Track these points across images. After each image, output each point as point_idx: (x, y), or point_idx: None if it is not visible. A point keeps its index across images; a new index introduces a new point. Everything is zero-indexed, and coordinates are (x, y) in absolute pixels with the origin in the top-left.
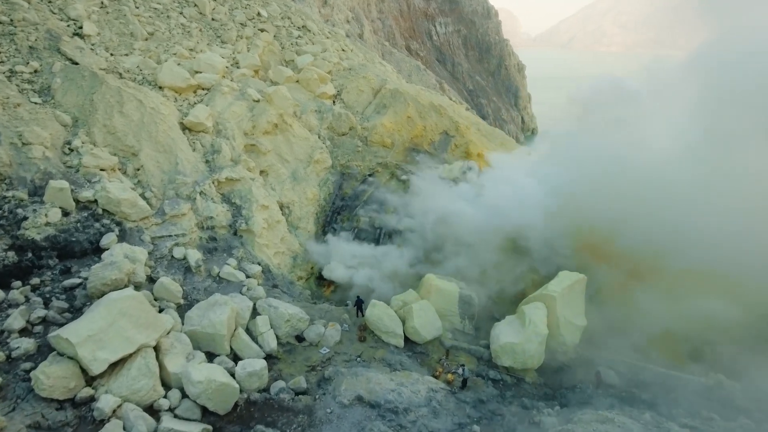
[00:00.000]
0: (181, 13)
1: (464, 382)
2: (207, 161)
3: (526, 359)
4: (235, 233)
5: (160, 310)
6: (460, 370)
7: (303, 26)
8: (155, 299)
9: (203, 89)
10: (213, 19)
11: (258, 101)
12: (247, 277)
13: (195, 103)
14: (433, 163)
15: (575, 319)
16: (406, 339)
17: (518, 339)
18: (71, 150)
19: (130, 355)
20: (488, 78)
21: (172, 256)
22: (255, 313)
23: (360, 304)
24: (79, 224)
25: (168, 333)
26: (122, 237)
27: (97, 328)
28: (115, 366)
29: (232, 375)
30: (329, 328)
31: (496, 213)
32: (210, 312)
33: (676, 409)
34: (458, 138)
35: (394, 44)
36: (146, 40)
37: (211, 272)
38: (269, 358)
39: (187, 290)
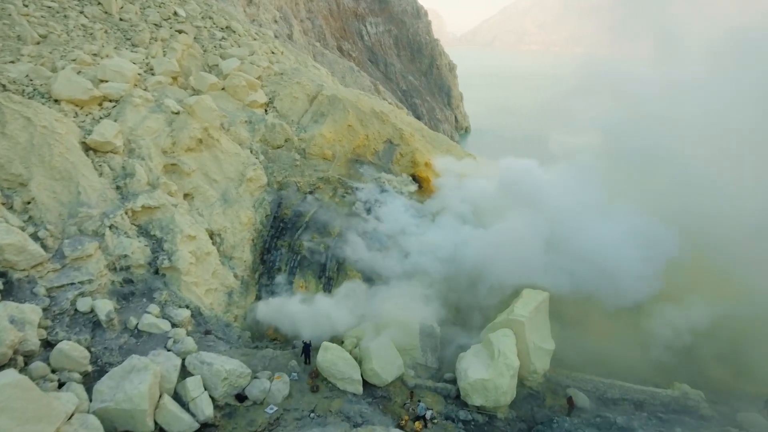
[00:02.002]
0: (81, 12)
1: (423, 420)
2: (118, 187)
3: (498, 396)
4: (156, 272)
5: (60, 385)
6: (419, 410)
7: (227, 27)
8: (52, 371)
9: (110, 101)
10: (121, 19)
11: (178, 113)
12: (173, 326)
13: (100, 119)
14: (379, 175)
15: (544, 344)
16: (365, 382)
17: (489, 374)
18: None
19: None
20: (421, 78)
21: (76, 310)
22: (185, 372)
23: (308, 350)
24: None
25: (70, 418)
26: (7, 292)
27: None
28: None
29: None
30: (275, 380)
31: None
32: (126, 382)
33: (650, 429)
34: (403, 146)
35: (325, 45)
36: (38, 44)
37: (128, 325)
38: (205, 427)
39: (96, 353)
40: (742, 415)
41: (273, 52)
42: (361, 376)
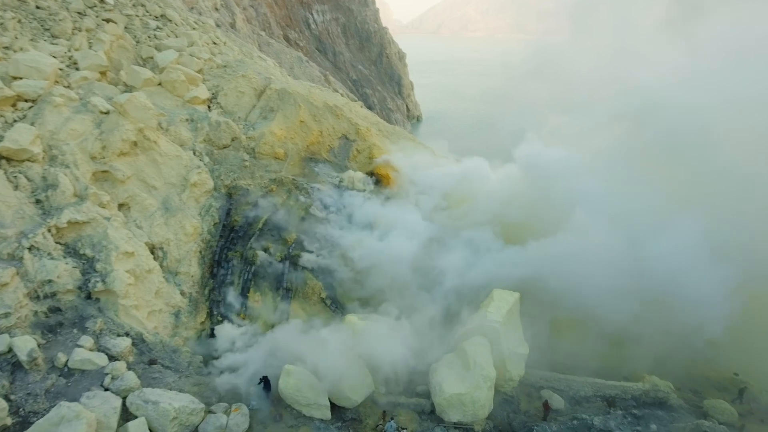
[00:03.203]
0: None
1: None
2: (38, 201)
3: (476, 410)
4: (88, 297)
5: None
6: (388, 429)
7: (162, 15)
8: None
9: (26, 101)
10: (38, 7)
11: (107, 113)
12: (111, 358)
13: (14, 122)
14: (335, 173)
15: (519, 348)
16: (333, 405)
17: (465, 388)
18: None
19: None
20: (371, 67)
21: None
22: (126, 413)
23: (267, 383)
24: None
25: None
26: None
27: None
28: None
29: None
30: (233, 413)
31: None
32: None
33: (627, 427)
34: (360, 142)
35: (270, 34)
36: None
37: (56, 363)
38: None
39: (17, 401)
40: (707, 402)
41: (215, 43)
42: (329, 398)
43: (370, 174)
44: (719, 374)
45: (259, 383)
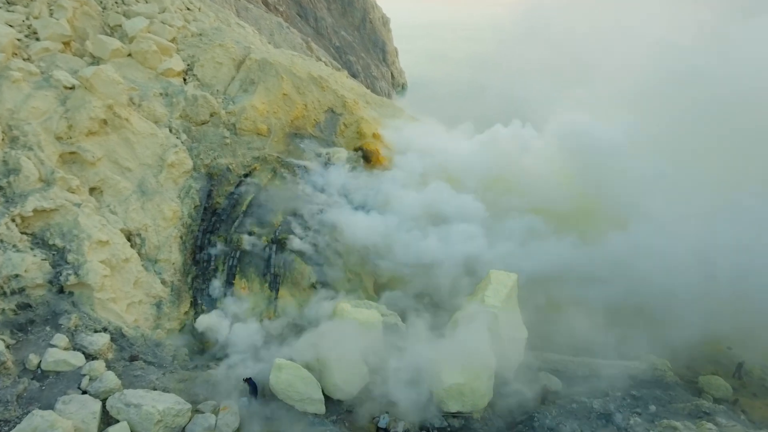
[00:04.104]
0: None
1: None
2: (0, 188)
3: (476, 400)
4: (60, 291)
5: None
6: (381, 422)
7: None
8: None
9: None
10: None
11: (72, 88)
12: (88, 358)
13: None
14: (321, 149)
15: (517, 332)
16: (327, 397)
17: (464, 378)
18: None
19: None
20: (354, 33)
21: None
22: (107, 417)
23: (253, 386)
24: None
25: None
26: None
27: None
28: None
29: None
30: (222, 412)
31: None
32: None
33: (627, 410)
34: (347, 116)
35: None
36: None
37: (27, 365)
38: None
39: None
40: (702, 379)
41: (188, 9)
42: (323, 391)
43: (359, 150)
44: (712, 348)
45: (249, 393)
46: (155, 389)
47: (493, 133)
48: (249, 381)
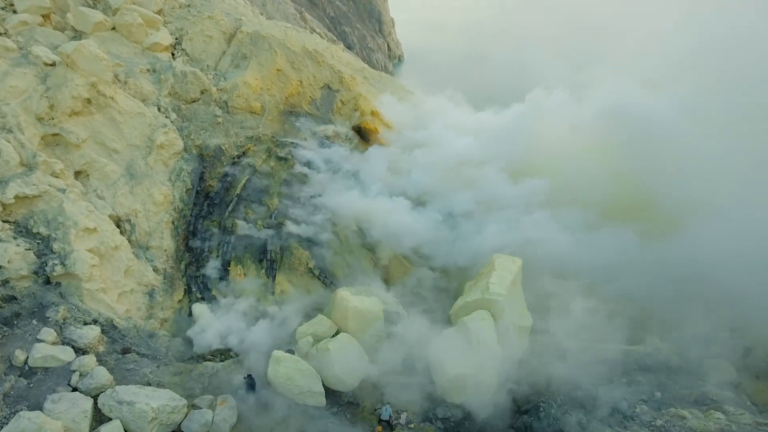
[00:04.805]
0: None
1: (389, 425)
2: None
3: (481, 390)
4: (47, 282)
5: None
6: (383, 414)
7: None
8: None
9: None
10: None
11: (53, 65)
12: (78, 352)
13: None
14: (318, 127)
15: (523, 321)
16: (328, 389)
17: (469, 368)
18: None
19: None
20: (349, 2)
21: None
22: (99, 415)
23: (253, 383)
24: None
25: None
26: None
27: None
28: None
29: None
30: (219, 407)
31: None
32: None
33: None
34: (344, 92)
35: None
36: None
37: (13, 361)
38: None
39: None
40: (707, 362)
41: None
42: (323, 383)
43: (357, 129)
44: (714, 329)
45: (247, 391)
46: (149, 384)
47: (528, 108)
48: (249, 377)
